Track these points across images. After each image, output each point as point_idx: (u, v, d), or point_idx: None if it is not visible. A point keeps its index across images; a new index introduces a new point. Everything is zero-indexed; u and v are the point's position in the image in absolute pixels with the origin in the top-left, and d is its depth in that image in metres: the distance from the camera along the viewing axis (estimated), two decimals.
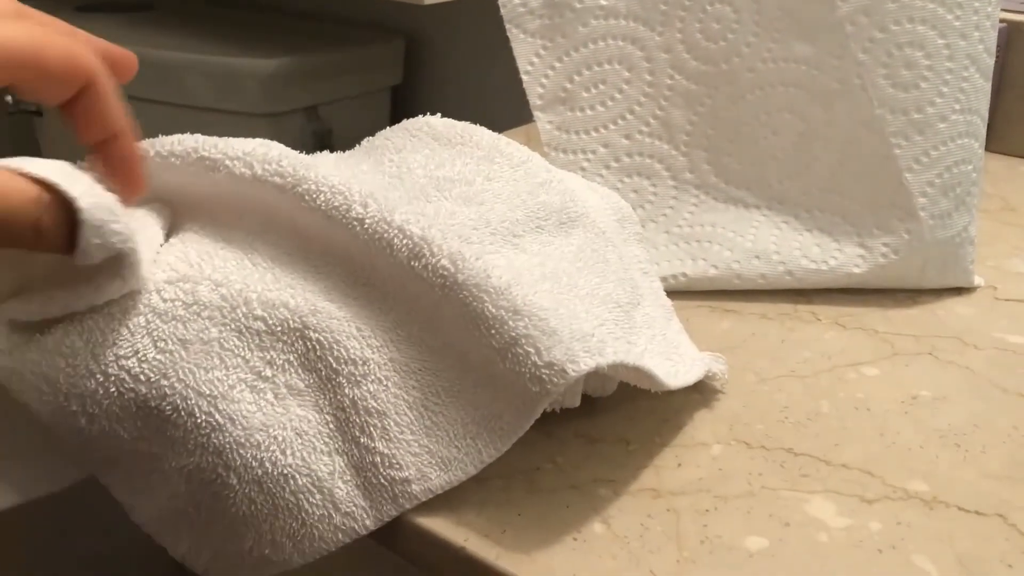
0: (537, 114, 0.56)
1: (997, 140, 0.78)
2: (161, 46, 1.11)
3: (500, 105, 1.13)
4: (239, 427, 0.34)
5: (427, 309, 0.37)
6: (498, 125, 1.16)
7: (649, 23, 0.55)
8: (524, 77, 0.55)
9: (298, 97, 1.12)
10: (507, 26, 0.54)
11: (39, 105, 1.24)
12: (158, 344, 0.34)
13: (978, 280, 0.55)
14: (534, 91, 0.55)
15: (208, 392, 0.34)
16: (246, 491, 0.35)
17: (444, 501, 0.38)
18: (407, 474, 0.36)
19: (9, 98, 1.24)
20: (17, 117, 1.27)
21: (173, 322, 0.34)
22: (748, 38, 0.54)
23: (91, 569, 0.56)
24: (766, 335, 0.51)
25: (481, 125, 0.47)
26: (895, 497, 0.39)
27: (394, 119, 1.29)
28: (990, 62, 0.53)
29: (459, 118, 0.48)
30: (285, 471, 0.35)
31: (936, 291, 0.55)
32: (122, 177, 0.34)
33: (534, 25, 0.54)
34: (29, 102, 1.25)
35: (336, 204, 0.36)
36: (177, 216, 0.38)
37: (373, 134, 0.48)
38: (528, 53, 0.55)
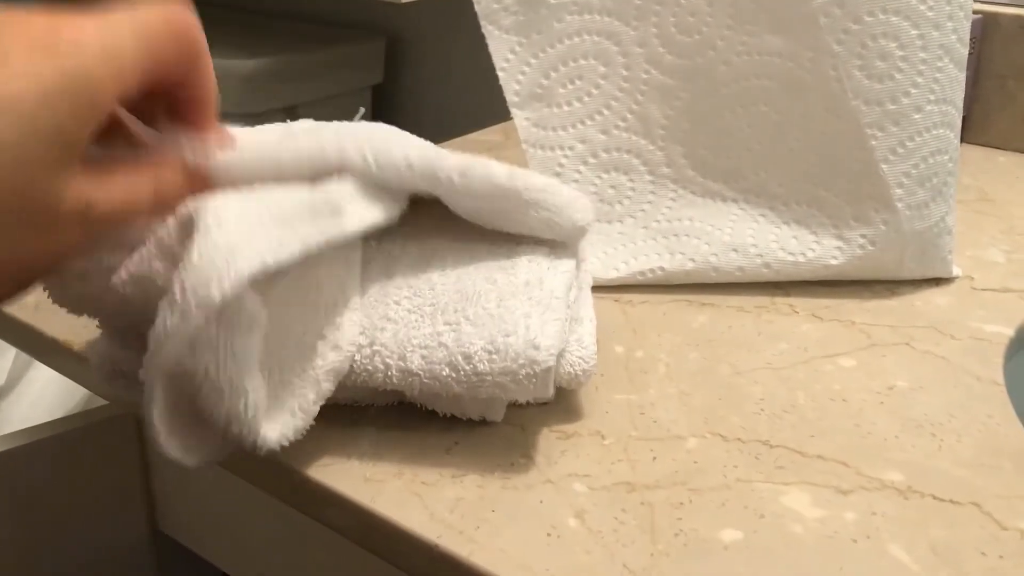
0: (514, 111, 0.55)
1: (974, 131, 0.78)
2: None
3: (480, 103, 1.13)
4: None
5: None
6: (478, 122, 1.16)
7: (623, 18, 0.54)
8: (500, 74, 0.55)
9: (278, 97, 1.11)
10: (482, 23, 0.54)
11: None
12: None
13: (956, 270, 0.55)
14: (510, 88, 0.55)
15: None
16: None
17: (418, 497, 0.38)
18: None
19: None
20: None
21: None
22: (722, 31, 0.54)
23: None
24: (743, 327, 0.51)
25: (462, 122, 0.47)
26: (870, 487, 0.39)
27: (375, 118, 1.28)
28: (964, 52, 0.53)
29: (439, 116, 0.48)
30: None
31: (914, 282, 0.55)
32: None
33: (508, 21, 0.54)
34: None
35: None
36: None
37: None
38: (503, 50, 0.55)
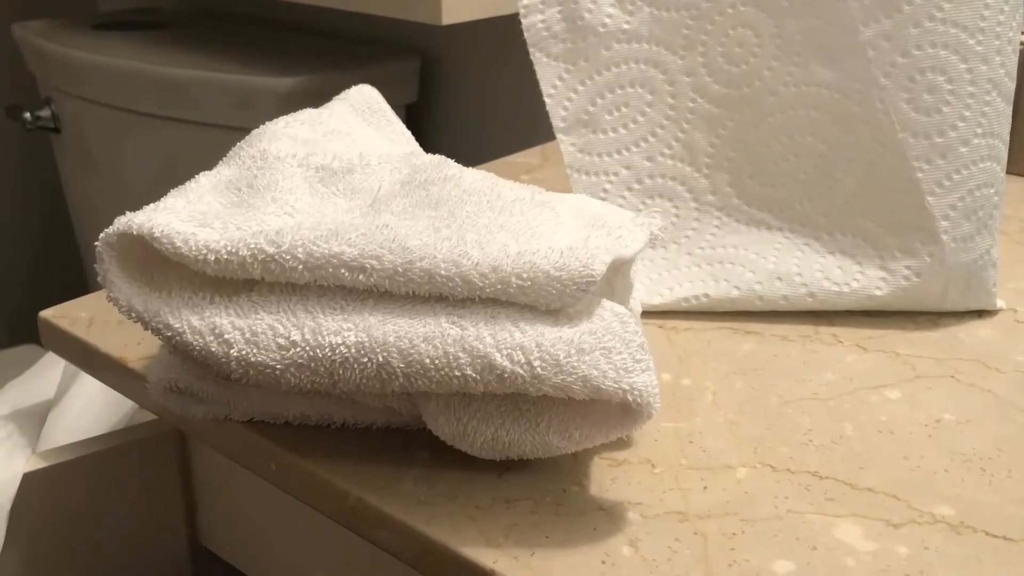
0: (560, 136, 0.56)
1: (1015, 162, 0.78)
2: (177, 64, 1.12)
3: (514, 124, 1.14)
4: None
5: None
6: (512, 144, 1.16)
7: (671, 47, 0.55)
8: (547, 100, 0.55)
9: None
10: (531, 50, 0.55)
11: (57, 122, 1.25)
12: None
13: (1000, 303, 0.56)
14: (557, 114, 0.56)
15: None
16: None
17: (473, 523, 0.38)
18: None
19: (27, 115, 1.25)
20: (35, 133, 1.28)
21: None
22: (770, 62, 0.55)
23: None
24: (788, 357, 0.51)
25: (495, 143, 0.47)
26: (921, 521, 0.39)
27: None
28: (1011, 86, 0.53)
29: (473, 137, 0.48)
30: None
31: (957, 313, 0.55)
32: None
33: (557, 49, 0.55)
34: (48, 119, 1.26)
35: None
36: None
37: None
38: (551, 76, 0.55)
